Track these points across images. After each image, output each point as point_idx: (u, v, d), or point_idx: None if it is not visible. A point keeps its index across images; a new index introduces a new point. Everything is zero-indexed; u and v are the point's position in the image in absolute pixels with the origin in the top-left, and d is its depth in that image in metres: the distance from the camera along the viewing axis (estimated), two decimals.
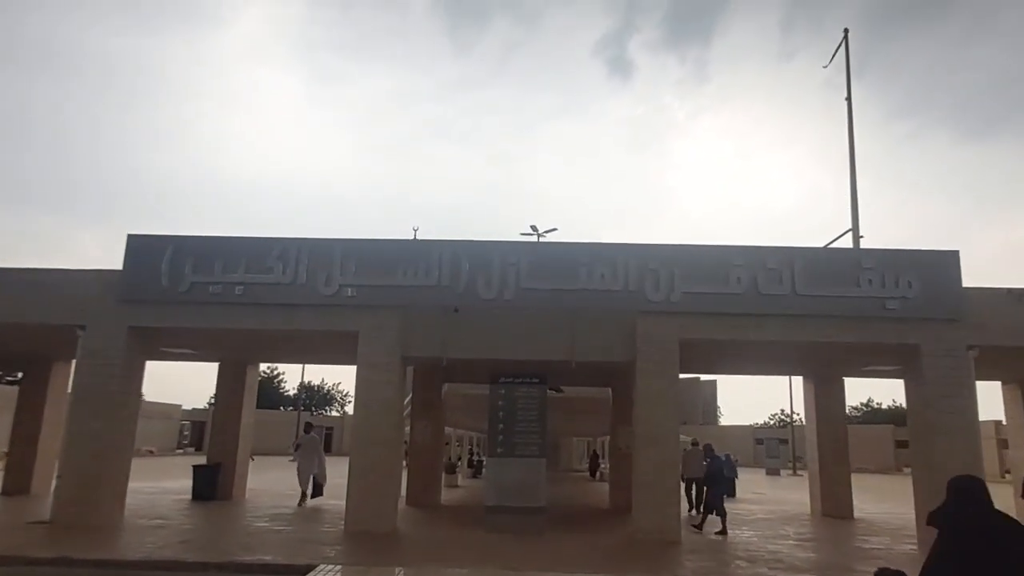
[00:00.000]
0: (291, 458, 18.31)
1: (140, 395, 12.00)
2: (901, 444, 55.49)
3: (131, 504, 13.58)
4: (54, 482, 11.52)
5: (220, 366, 16.20)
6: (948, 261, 11.15)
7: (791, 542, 11.23)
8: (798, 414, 54.58)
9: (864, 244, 16.19)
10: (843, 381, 15.91)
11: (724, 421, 78.47)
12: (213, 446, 15.92)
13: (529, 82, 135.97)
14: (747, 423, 61.83)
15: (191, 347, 13.61)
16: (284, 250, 11.38)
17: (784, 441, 51.69)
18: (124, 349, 11.29)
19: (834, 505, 15.17)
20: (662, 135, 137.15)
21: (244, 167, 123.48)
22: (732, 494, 19.34)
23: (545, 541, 10.38)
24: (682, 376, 11.68)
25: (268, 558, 8.25)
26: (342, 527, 10.77)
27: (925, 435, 10.96)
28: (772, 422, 77.86)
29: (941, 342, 10.93)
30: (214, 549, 8.77)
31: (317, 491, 14.96)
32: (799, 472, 44.88)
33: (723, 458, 20.92)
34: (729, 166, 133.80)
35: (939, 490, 3.41)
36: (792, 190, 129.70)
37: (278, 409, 66.06)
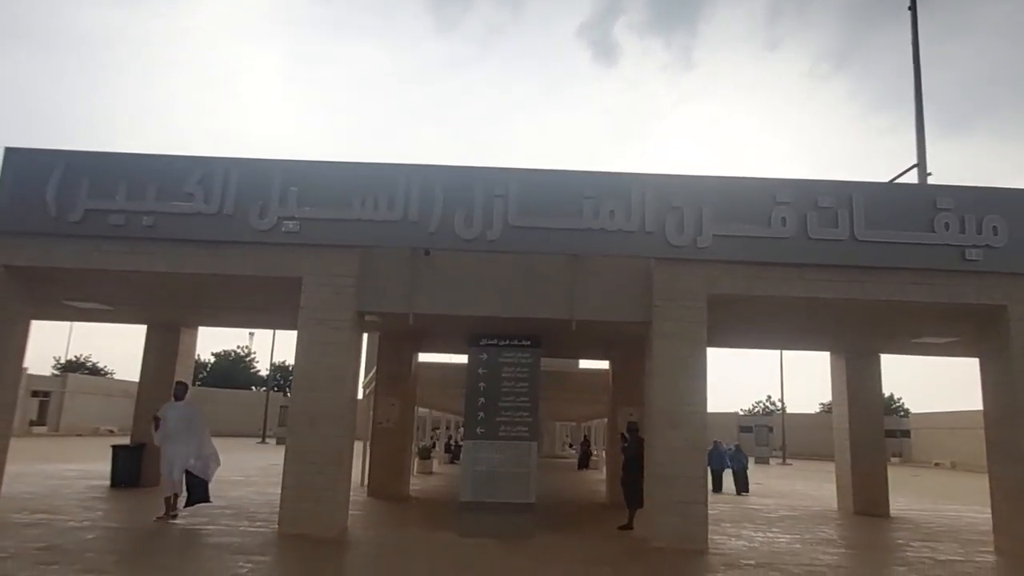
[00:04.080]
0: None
1: (22, 359, 9.43)
2: (888, 434, 54.46)
3: (26, 492, 11.16)
4: None
5: (148, 330, 13.65)
6: None
7: (844, 551, 9.02)
8: (782, 401, 53.18)
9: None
10: (880, 358, 13.75)
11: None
12: (138, 424, 13.36)
13: (513, 65, 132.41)
14: (729, 410, 60.06)
15: (99, 300, 11.01)
16: (207, 172, 8.86)
17: (771, 429, 50.28)
18: None
19: (869, 502, 13.04)
20: (647, 122, 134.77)
21: (219, 147, 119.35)
22: (745, 488, 17.18)
23: (534, 549, 8.08)
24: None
25: None
26: (276, 528, 8.39)
27: (1009, 420, 8.81)
28: (757, 409, 76.71)
29: None
30: (78, 562, 6.32)
31: (198, 493, 9.26)
32: (788, 461, 43.52)
33: (731, 448, 18.91)
34: (714, 155, 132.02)
35: None
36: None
37: (249, 389, 63.48)
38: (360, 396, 11.04)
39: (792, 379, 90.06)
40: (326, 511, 8.32)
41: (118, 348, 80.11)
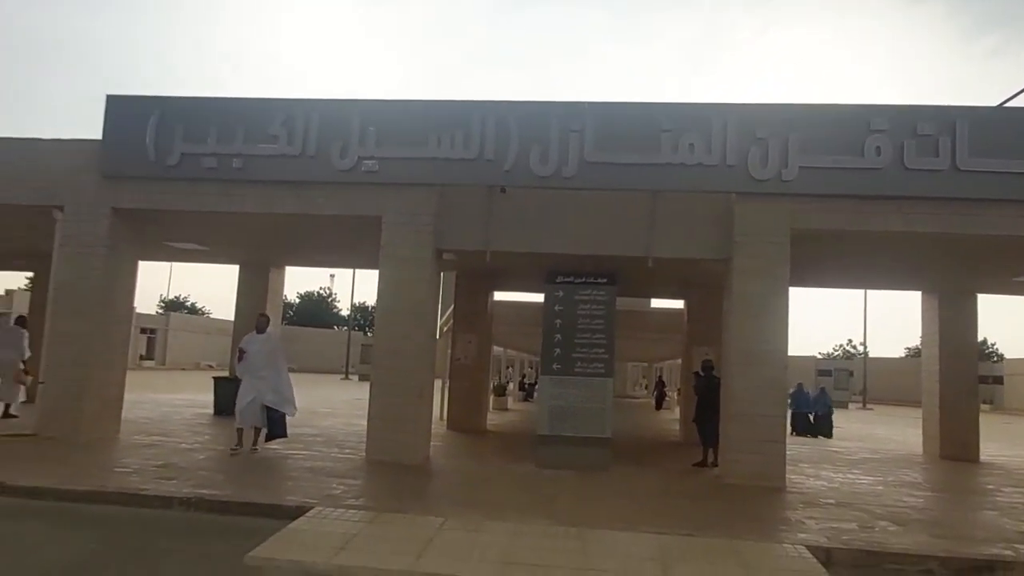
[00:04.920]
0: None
1: (132, 295, 10.19)
2: (980, 379, 51.49)
3: (142, 417, 12.26)
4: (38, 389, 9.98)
5: (240, 269, 14.43)
6: None
7: (929, 494, 8.82)
8: (863, 343, 51.01)
9: None
10: (976, 298, 12.99)
11: None
12: (234, 359, 14.26)
13: None
14: (807, 353, 58.26)
15: (196, 240, 11.70)
16: (290, 114, 9.10)
17: (852, 373, 48.68)
18: (108, 236, 9.41)
19: (957, 447, 12.56)
20: (727, 52, 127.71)
21: (289, 92, 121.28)
22: (829, 432, 16.84)
23: (611, 482, 8.28)
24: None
25: (249, 495, 6.37)
26: (363, 455, 8.91)
27: None
28: (836, 352, 74.26)
29: None
30: (192, 478, 6.95)
31: (277, 429, 9.04)
32: (869, 406, 42.25)
33: (807, 393, 18.44)
34: (799, 86, 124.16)
35: None
36: None
37: (331, 328, 66.42)
38: (438, 336, 11.37)
39: (876, 322, 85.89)
40: (409, 440, 8.74)
41: (212, 290, 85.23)
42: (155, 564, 4.73)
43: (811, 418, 17.30)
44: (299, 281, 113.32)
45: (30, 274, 20.65)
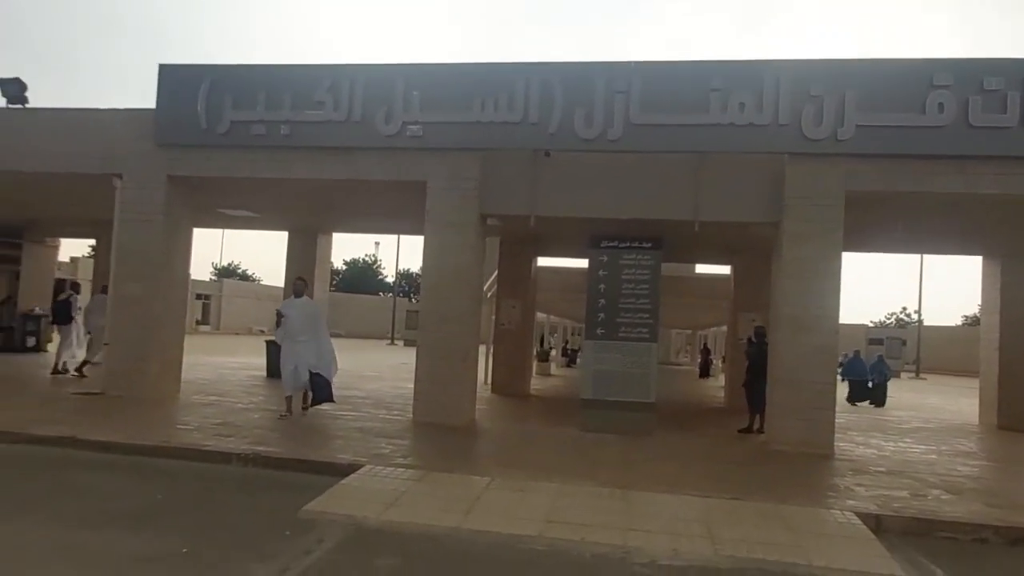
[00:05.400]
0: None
1: (188, 260, 10.53)
2: None
3: (200, 378, 12.74)
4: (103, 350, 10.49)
5: (289, 236, 14.73)
6: None
7: (984, 463, 8.58)
8: (918, 311, 49.24)
9: None
10: None
11: None
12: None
13: None
14: (857, 321, 56.58)
15: (247, 207, 11.98)
16: (335, 80, 9.15)
17: (904, 342, 47.27)
18: (164, 203, 9.70)
19: (1016, 417, 12.09)
20: (779, 6, 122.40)
21: (331, 51, 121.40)
22: (881, 402, 16.39)
23: (655, 446, 8.30)
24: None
25: (303, 452, 6.61)
26: (410, 417, 9.11)
27: None
28: (889, 321, 72.19)
29: None
30: (249, 436, 7.25)
31: (323, 393, 8.82)
32: (923, 376, 41.09)
33: (864, 361, 17.87)
34: (856, 40, 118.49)
35: None
36: None
37: (377, 295, 67.47)
38: (483, 301, 11.45)
39: (932, 289, 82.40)
40: (454, 403, 8.89)
41: (262, 257, 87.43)
42: (216, 514, 4.98)
43: (870, 383, 16.74)
44: (345, 249, 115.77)
45: (92, 241, 21.49)
